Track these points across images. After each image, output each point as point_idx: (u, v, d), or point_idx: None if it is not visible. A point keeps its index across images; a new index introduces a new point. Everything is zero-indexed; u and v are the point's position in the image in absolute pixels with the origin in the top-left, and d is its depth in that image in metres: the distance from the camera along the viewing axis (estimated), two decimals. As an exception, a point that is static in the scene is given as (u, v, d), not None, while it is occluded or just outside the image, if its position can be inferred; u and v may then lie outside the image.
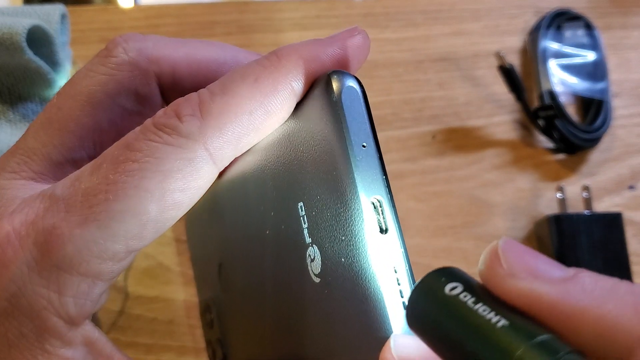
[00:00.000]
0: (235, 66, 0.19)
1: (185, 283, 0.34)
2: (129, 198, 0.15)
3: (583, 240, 0.34)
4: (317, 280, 0.17)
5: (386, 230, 0.15)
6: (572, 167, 0.38)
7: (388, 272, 0.15)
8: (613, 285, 0.13)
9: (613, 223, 0.34)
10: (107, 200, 0.15)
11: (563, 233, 0.34)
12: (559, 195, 0.36)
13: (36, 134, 0.19)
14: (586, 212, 0.35)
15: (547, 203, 0.37)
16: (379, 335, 0.15)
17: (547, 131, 0.37)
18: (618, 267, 0.33)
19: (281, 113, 0.17)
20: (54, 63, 0.31)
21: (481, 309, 0.13)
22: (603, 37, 0.40)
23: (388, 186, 0.16)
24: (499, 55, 0.38)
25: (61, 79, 0.32)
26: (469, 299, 0.13)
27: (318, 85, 0.16)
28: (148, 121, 0.16)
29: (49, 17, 0.31)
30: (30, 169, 0.18)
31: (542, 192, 0.37)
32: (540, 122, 0.37)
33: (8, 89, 0.31)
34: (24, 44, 0.28)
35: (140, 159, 0.16)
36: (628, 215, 0.36)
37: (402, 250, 0.15)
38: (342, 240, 0.16)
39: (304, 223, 0.17)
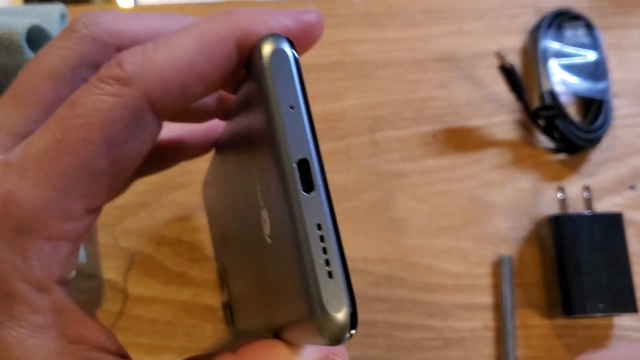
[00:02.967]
0: None
1: (185, 283, 0.34)
2: (77, 154, 0.16)
3: (584, 240, 0.34)
4: (269, 241, 0.17)
5: (311, 189, 0.15)
6: (572, 167, 0.38)
7: (311, 229, 0.15)
8: None
9: (614, 223, 0.34)
10: (56, 158, 0.16)
11: (564, 233, 0.34)
12: (559, 195, 0.36)
13: (2, 110, 0.19)
14: (587, 212, 0.35)
15: (548, 203, 0.37)
16: (305, 294, 0.15)
17: (548, 131, 0.37)
18: (619, 267, 0.33)
19: (225, 67, 0.17)
20: (53, 63, 0.31)
21: None
22: (604, 37, 0.40)
23: (316, 147, 0.16)
24: (499, 55, 0.38)
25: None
26: None
27: (254, 47, 0.17)
28: (93, 76, 0.17)
29: (49, 16, 0.31)
30: None
31: (542, 192, 0.37)
32: (541, 122, 0.37)
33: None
34: (24, 44, 0.28)
35: (84, 114, 0.16)
36: (628, 215, 0.36)
37: (327, 209, 0.15)
38: (276, 201, 0.16)
39: (258, 186, 0.18)
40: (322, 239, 0.15)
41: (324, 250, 0.15)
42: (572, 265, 0.33)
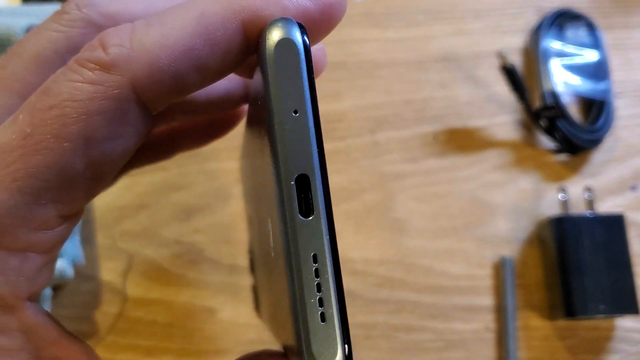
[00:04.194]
0: None
1: (185, 285, 0.34)
2: (48, 151, 0.13)
3: (585, 241, 0.33)
4: (273, 254, 0.16)
5: (309, 213, 0.13)
6: (574, 168, 0.38)
7: (305, 261, 0.13)
8: None
9: (615, 224, 0.34)
10: (24, 156, 0.13)
11: (565, 234, 0.33)
12: (561, 196, 0.36)
13: None
14: (588, 213, 0.34)
15: (549, 204, 0.36)
16: (295, 336, 0.13)
17: (549, 131, 0.37)
18: (620, 268, 0.33)
19: (229, 54, 0.15)
20: (52, 63, 0.31)
21: None
22: (605, 37, 0.40)
23: (321, 161, 0.13)
24: (500, 55, 0.38)
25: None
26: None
27: (261, 33, 0.14)
28: (72, 59, 0.14)
29: (47, 17, 0.31)
30: None
31: (544, 192, 0.37)
32: (542, 123, 0.37)
33: (6, 89, 0.31)
34: (22, 44, 0.28)
35: (58, 104, 0.13)
36: (630, 216, 0.36)
37: (327, 237, 0.13)
38: (274, 219, 0.14)
39: (266, 191, 0.16)
40: (317, 273, 0.13)
41: (318, 287, 0.13)
42: (573, 266, 0.33)
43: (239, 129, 0.27)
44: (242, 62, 0.15)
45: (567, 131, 0.36)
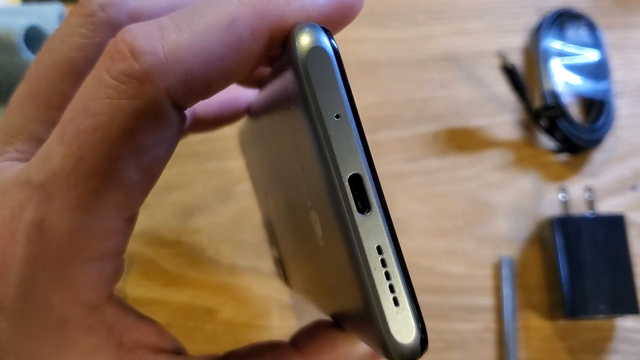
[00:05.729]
0: None
1: (184, 285, 0.34)
2: (104, 172, 0.14)
3: (586, 241, 0.33)
4: (322, 243, 0.16)
5: (367, 209, 0.14)
6: (574, 168, 0.38)
7: (371, 254, 0.14)
8: None
9: (616, 224, 0.34)
10: (83, 182, 0.14)
11: (566, 235, 0.33)
12: (561, 196, 0.35)
13: (19, 110, 0.17)
14: (589, 213, 0.34)
15: (550, 204, 0.36)
16: (373, 323, 0.14)
17: (550, 131, 0.37)
18: (621, 268, 0.33)
19: (254, 60, 0.15)
20: (52, 63, 0.31)
21: None
22: (606, 37, 0.40)
23: (369, 159, 0.14)
24: (500, 55, 0.38)
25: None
26: None
27: (286, 42, 0.14)
28: (101, 70, 0.14)
29: (47, 16, 0.31)
30: (15, 149, 0.17)
31: (544, 192, 0.37)
32: (543, 122, 0.37)
33: (6, 89, 0.31)
34: (22, 44, 0.28)
35: (102, 126, 0.14)
36: (631, 217, 0.36)
37: (387, 228, 0.14)
38: (327, 217, 0.15)
39: (303, 185, 0.16)
40: (383, 262, 0.14)
41: (387, 275, 0.14)
42: (574, 266, 0.33)
43: (234, 130, 0.27)
44: (261, 64, 0.16)
45: (567, 131, 0.36)
